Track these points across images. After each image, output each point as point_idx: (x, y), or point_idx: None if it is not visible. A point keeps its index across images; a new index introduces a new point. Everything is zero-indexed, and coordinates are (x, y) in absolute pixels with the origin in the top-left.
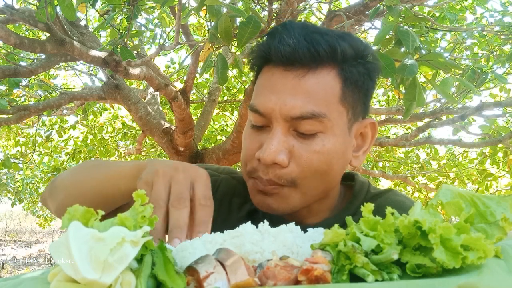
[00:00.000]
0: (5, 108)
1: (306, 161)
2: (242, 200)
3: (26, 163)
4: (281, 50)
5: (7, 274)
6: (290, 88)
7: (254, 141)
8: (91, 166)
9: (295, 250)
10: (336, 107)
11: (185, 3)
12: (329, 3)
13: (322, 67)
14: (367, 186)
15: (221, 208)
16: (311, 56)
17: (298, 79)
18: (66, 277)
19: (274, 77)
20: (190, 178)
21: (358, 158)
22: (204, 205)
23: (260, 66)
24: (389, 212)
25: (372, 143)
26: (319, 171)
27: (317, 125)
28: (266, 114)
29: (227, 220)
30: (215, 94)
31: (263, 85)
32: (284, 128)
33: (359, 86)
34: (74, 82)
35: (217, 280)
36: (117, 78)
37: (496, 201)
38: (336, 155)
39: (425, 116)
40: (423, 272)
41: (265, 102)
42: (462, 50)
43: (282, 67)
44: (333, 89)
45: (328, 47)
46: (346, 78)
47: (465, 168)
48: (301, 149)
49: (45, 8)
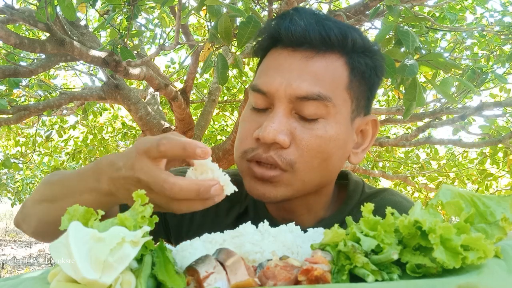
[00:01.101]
0: (5, 108)
1: (308, 144)
2: (229, 204)
3: (26, 163)
4: (291, 30)
5: (7, 274)
6: (297, 69)
7: (253, 122)
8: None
9: (295, 250)
10: (341, 94)
11: (185, 3)
12: (329, 3)
13: (331, 53)
14: (361, 186)
15: (207, 215)
16: (321, 39)
17: (306, 60)
18: (66, 277)
19: (281, 57)
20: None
21: (357, 155)
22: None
23: (267, 49)
24: (389, 212)
25: (372, 142)
26: (318, 157)
27: (321, 109)
28: (269, 94)
29: (214, 227)
30: (215, 94)
31: (268, 65)
32: (286, 109)
33: (365, 78)
34: (74, 82)
35: (217, 280)
36: (117, 78)
37: (496, 201)
38: (337, 144)
39: (425, 116)
40: (423, 272)
41: (270, 81)
42: (462, 50)
43: (291, 48)
44: (340, 75)
45: (340, 34)
46: (353, 68)
47: (465, 168)
48: (303, 133)
49: (45, 8)
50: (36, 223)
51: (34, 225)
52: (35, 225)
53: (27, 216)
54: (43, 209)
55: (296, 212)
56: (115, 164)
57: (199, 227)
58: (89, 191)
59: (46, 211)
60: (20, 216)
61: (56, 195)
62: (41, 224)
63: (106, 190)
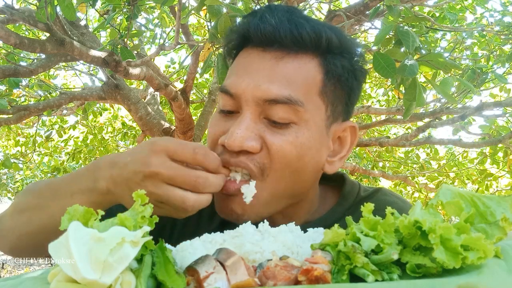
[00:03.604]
0: (5, 108)
1: (278, 149)
2: (211, 210)
3: (26, 163)
4: (261, 28)
5: (7, 274)
6: (266, 70)
7: (220, 127)
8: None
9: (295, 250)
10: (314, 99)
11: (185, 3)
12: (329, 3)
13: (303, 53)
14: (357, 188)
15: (189, 221)
16: (293, 38)
17: (276, 61)
18: (66, 277)
19: (250, 57)
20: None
21: (333, 164)
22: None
23: (238, 48)
24: (389, 212)
25: (350, 150)
26: (290, 165)
27: (292, 114)
28: (236, 95)
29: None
30: (215, 94)
31: (237, 65)
32: (254, 113)
33: (341, 82)
34: (74, 82)
35: (217, 280)
36: (117, 78)
37: (496, 201)
38: (310, 151)
39: (425, 116)
40: (423, 272)
41: (237, 82)
42: (462, 50)
43: (261, 47)
44: (313, 79)
45: (313, 32)
46: (328, 70)
47: (465, 168)
48: (273, 137)
49: (45, 8)
50: (16, 236)
51: (13, 239)
52: (14, 239)
53: (3, 230)
54: (25, 219)
55: (276, 222)
56: (118, 162)
57: (181, 234)
58: (82, 192)
59: (28, 221)
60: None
61: (41, 201)
62: (22, 236)
63: (103, 189)
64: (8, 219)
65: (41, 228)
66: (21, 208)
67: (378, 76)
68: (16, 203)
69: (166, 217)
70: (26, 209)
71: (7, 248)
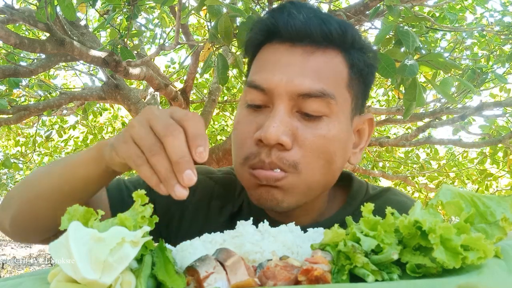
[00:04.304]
0: (5, 108)
1: (311, 145)
2: (221, 202)
3: (26, 163)
4: (291, 23)
5: (7, 274)
6: (297, 64)
7: (251, 122)
8: (46, 167)
9: (295, 250)
10: (343, 92)
11: (185, 3)
12: (329, 3)
13: (331, 48)
14: (365, 187)
15: (199, 214)
16: (322, 33)
17: (307, 55)
18: (66, 277)
19: (278, 52)
20: (170, 114)
21: (355, 155)
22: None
23: (260, 44)
24: (389, 212)
25: (368, 141)
26: (322, 158)
27: (324, 107)
28: (268, 90)
29: (206, 227)
30: (215, 94)
31: (265, 60)
32: (287, 107)
33: (363, 76)
34: (74, 82)
35: (217, 280)
36: (117, 78)
37: (496, 201)
38: (340, 144)
39: (425, 116)
40: (423, 272)
41: (269, 77)
42: (462, 50)
43: (289, 43)
44: (341, 72)
45: (339, 29)
46: (352, 65)
47: (465, 168)
48: (306, 132)
49: (45, 8)
50: (17, 204)
51: (15, 207)
52: (15, 207)
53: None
54: (27, 187)
55: (292, 215)
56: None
57: (190, 226)
58: (87, 152)
59: (30, 188)
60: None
61: (47, 170)
62: (23, 203)
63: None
64: (13, 190)
65: (44, 192)
66: (27, 180)
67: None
68: (24, 179)
69: (174, 210)
70: (32, 179)
71: (9, 219)
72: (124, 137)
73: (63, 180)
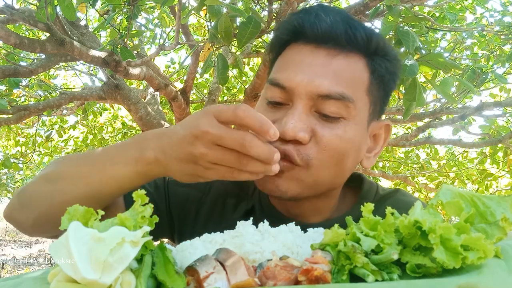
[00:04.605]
0: (5, 108)
1: (328, 143)
2: (236, 200)
3: (26, 163)
4: (317, 25)
5: (7, 274)
6: (319, 66)
7: (269, 117)
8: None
9: (295, 250)
10: (362, 96)
11: (185, 3)
12: (329, 3)
13: (355, 53)
14: (375, 188)
15: (214, 210)
16: (347, 37)
17: (330, 57)
18: (66, 277)
19: (302, 52)
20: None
21: (369, 160)
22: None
23: (285, 43)
24: (389, 212)
25: (384, 146)
26: (335, 158)
27: (342, 109)
28: (289, 89)
29: (221, 223)
30: (215, 94)
31: (288, 59)
32: (306, 106)
33: (384, 83)
34: (74, 82)
35: (217, 280)
36: (117, 78)
37: (496, 201)
38: (354, 146)
39: (425, 116)
40: (423, 272)
41: (290, 76)
42: (462, 50)
43: (314, 44)
44: (361, 77)
45: (364, 34)
46: (374, 70)
47: (465, 168)
48: (323, 131)
49: (45, 8)
50: (47, 205)
51: (43, 208)
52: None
53: (28, 199)
54: (59, 188)
55: (303, 214)
56: (167, 133)
57: (206, 222)
58: (126, 161)
59: (63, 190)
60: (16, 203)
61: (79, 170)
62: (54, 205)
63: (150, 159)
64: (36, 188)
65: (78, 198)
66: (53, 177)
67: None
68: (45, 173)
69: (190, 207)
70: (60, 178)
71: (32, 219)
72: (204, 165)
73: (103, 186)
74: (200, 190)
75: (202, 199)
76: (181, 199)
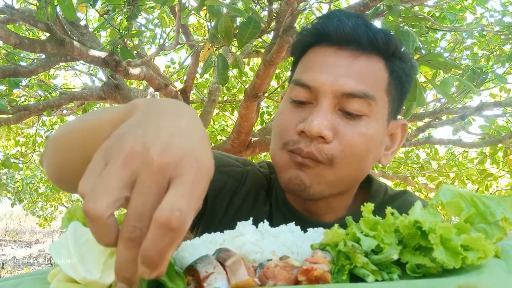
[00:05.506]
0: (5, 108)
1: (350, 140)
2: (267, 193)
3: (26, 163)
4: (341, 28)
5: (7, 274)
6: (343, 66)
7: (295, 115)
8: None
9: (295, 250)
10: (382, 95)
11: (185, 3)
12: (329, 3)
13: (375, 55)
14: (384, 188)
15: (246, 200)
16: (369, 39)
17: (352, 59)
18: (66, 277)
19: (326, 54)
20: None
21: (386, 157)
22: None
23: (308, 46)
24: (389, 212)
25: (400, 145)
26: (358, 154)
27: (365, 107)
28: (314, 88)
29: (252, 214)
30: (215, 94)
31: (312, 61)
32: (331, 105)
33: (401, 83)
34: (74, 82)
35: (217, 280)
36: (117, 78)
37: (496, 201)
38: (375, 144)
39: (425, 116)
40: (423, 272)
41: (315, 76)
42: (462, 50)
43: (337, 46)
44: (382, 77)
45: (384, 37)
46: (393, 71)
47: (465, 168)
48: (346, 129)
49: (45, 8)
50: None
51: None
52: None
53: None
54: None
55: (318, 212)
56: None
57: (237, 212)
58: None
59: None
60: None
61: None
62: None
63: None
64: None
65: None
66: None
67: None
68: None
69: (224, 196)
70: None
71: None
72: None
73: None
74: (237, 179)
75: (236, 190)
76: (217, 187)
